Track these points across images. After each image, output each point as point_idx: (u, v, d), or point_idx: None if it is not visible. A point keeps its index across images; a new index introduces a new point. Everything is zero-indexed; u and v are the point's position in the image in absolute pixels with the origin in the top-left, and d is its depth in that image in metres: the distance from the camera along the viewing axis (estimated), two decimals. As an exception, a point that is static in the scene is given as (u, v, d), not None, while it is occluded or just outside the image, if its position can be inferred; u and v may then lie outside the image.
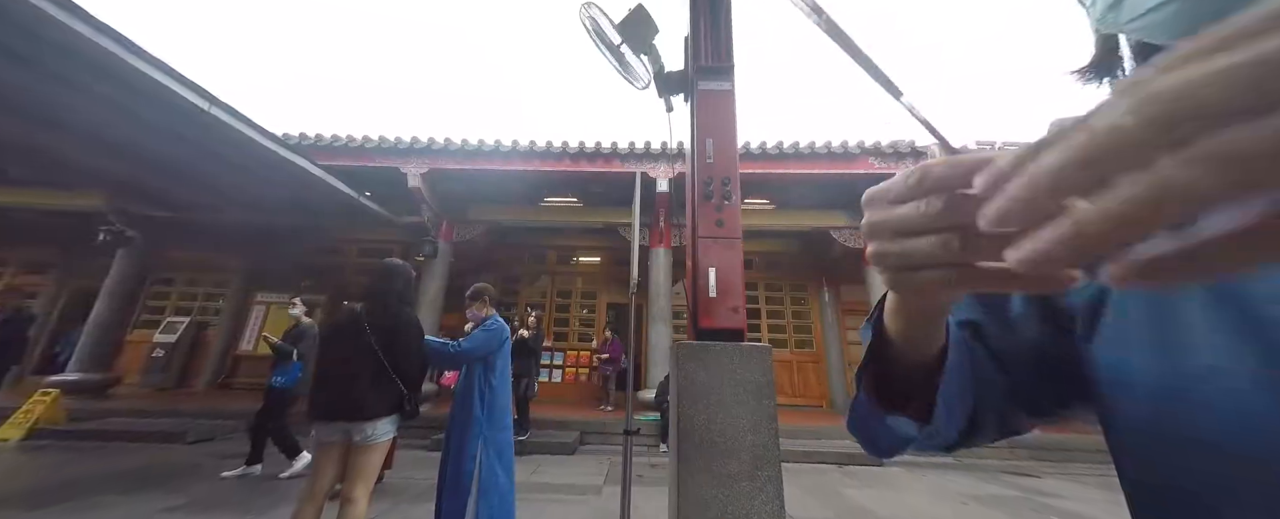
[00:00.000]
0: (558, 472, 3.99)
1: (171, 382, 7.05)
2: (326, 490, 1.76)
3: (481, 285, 2.30)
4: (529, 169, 6.15)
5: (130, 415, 5.25)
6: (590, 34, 2.24)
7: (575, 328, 7.95)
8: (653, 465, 4.32)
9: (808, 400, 7.38)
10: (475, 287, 2.28)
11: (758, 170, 5.93)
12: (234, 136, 4.10)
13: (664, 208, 6.40)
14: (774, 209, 6.96)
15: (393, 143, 6.15)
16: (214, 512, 2.70)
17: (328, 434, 1.75)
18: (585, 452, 4.87)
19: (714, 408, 1.45)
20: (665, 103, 2.30)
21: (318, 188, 5.31)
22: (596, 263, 8.37)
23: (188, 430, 4.61)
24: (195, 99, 3.59)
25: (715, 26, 2.10)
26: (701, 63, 2.04)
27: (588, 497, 3.30)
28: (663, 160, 6.13)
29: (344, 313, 1.89)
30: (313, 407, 1.76)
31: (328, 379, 1.78)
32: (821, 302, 7.81)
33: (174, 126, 3.90)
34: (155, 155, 4.48)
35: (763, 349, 1.55)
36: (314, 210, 6.13)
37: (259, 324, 7.73)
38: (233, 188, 5.36)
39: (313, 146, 6.02)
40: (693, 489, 1.38)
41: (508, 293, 8.25)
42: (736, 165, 1.88)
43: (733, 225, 1.80)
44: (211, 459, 3.96)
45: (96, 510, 2.63)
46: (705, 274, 1.73)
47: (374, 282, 1.92)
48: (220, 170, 4.84)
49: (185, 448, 4.35)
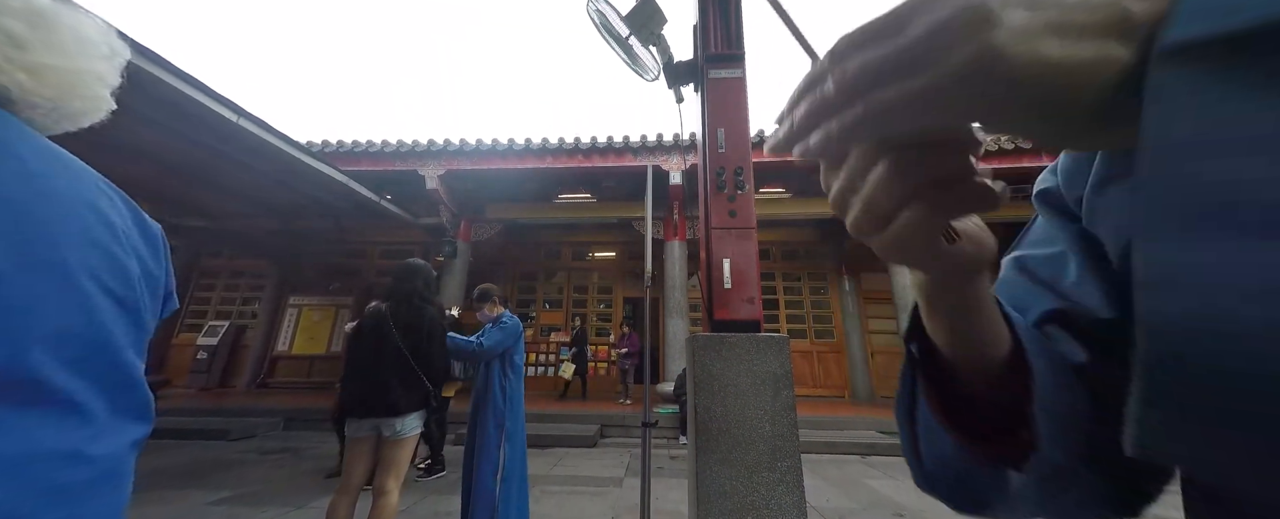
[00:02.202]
0: (579, 464, 4.06)
1: (214, 382, 7.44)
2: (359, 484, 1.83)
3: (487, 286, 2.37)
4: (543, 166, 6.19)
5: (177, 414, 5.57)
6: (598, 27, 2.23)
7: (593, 323, 8.02)
8: (672, 457, 4.35)
9: (829, 391, 7.28)
10: (481, 288, 2.35)
11: (772, 158, 5.83)
12: (261, 146, 4.26)
13: (678, 200, 6.37)
14: (790, 197, 6.84)
15: (411, 145, 6.28)
16: (258, 504, 2.85)
17: (359, 430, 1.82)
18: (606, 444, 4.93)
19: (731, 400, 1.44)
20: (676, 93, 2.27)
21: (340, 192, 5.48)
22: (612, 257, 8.41)
23: (231, 428, 4.87)
24: (224, 111, 3.74)
25: (724, 13, 2.05)
26: (711, 51, 2.00)
27: (608, 488, 3.34)
28: (675, 152, 6.08)
29: (370, 313, 1.95)
30: (343, 404, 1.83)
31: (357, 377, 1.84)
32: (841, 290, 7.66)
33: (206, 139, 4.08)
34: (190, 167, 4.70)
35: (780, 340, 1.53)
36: (338, 214, 6.34)
37: (294, 326, 8.08)
38: (262, 195, 5.58)
39: (334, 152, 6.20)
40: (712, 480, 1.38)
41: (525, 290, 8.37)
42: (749, 154, 1.85)
43: (746, 215, 1.78)
44: (253, 455, 4.17)
45: (151, 505, 2.81)
46: (719, 265, 1.72)
47: (396, 281, 1.98)
48: (251, 179, 5.04)
49: (228, 444, 4.60)
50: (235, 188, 5.32)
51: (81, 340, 0.30)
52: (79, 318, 0.30)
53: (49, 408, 0.28)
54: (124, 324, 0.33)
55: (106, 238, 0.33)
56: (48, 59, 0.34)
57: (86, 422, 0.29)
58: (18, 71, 0.32)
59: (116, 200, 0.37)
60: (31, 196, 0.29)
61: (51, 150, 0.34)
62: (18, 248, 0.28)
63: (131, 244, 0.36)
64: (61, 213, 0.31)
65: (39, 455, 0.27)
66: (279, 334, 8.00)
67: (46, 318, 0.28)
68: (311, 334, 8.00)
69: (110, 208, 0.35)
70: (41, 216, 0.30)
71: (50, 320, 0.28)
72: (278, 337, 7.99)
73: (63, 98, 0.36)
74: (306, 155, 4.72)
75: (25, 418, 0.27)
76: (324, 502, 1.79)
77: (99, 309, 0.32)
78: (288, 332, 8.02)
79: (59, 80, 0.35)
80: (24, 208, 0.29)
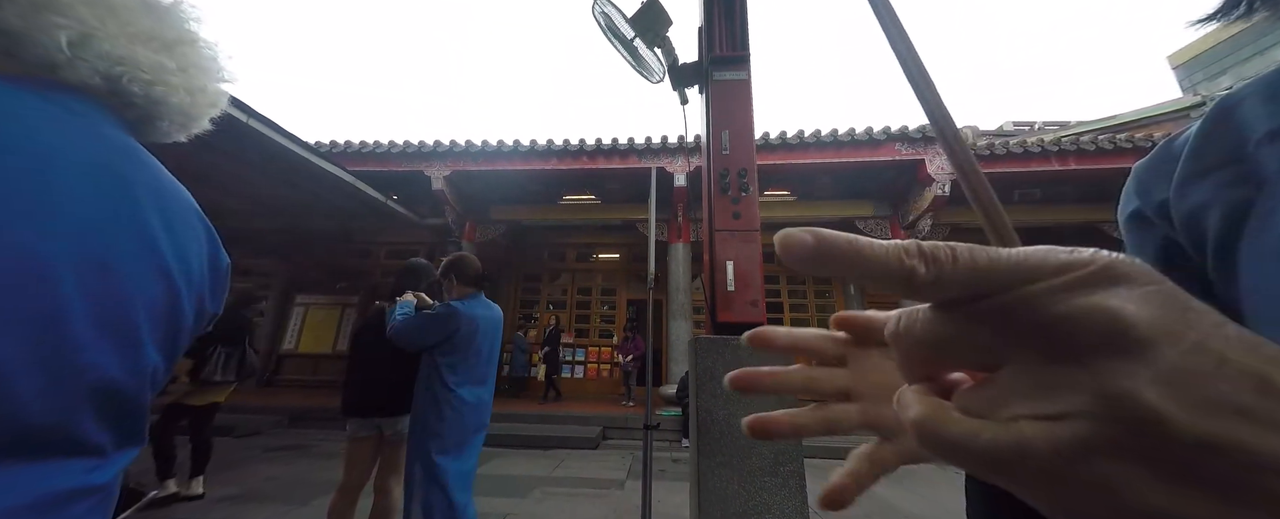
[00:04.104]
0: (581, 466, 4.05)
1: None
2: (361, 483, 1.84)
3: (414, 262, 1.96)
4: (547, 168, 6.21)
5: (186, 411, 5.62)
6: (604, 29, 2.24)
7: (596, 324, 8.02)
8: (675, 460, 4.33)
9: (834, 396, 7.22)
10: (408, 263, 1.97)
11: (777, 161, 5.81)
12: (270, 147, 4.31)
13: (682, 202, 6.36)
14: (795, 200, 6.81)
15: (417, 146, 6.32)
16: (262, 501, 2.86)
17: (361, 429, 1.83)
18: (608, 446, 4.91)
19: (734, 403, 1.43)
20: (680, 95, 2.27)
21: (348, 192, 5.52)
22: (616, 259, 8.41)
23: (237, 425, 4.91)
24: (235, 112, 3.79)
25: (729, 15, 2.05)
26: (716, 53, 2.00)
27: (610, 491, 3.33)
28: (680, 155, 6.08)
29: (373, 312, 1.96)
30: (346, 403, 1.84)
31: (360, 376, 1.85)
32: (846, 294, 7.61)
33: (216, 139, 4.12)
34: (200, 167, 4.75)
35: (783, 343, 1.52)
36: (345, 214, 6.38)
37: (300, 325, 8.15)
38: (270, 195, 5.64)
39: (342, 153, 6.26)
40: (714, 484, 1.37)
41: (529, 291, 8.39)
42: (753, 156, 1.85)
43: (750, 217, 1.77)
44: (259, 452, 4.20)
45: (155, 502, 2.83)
46: (723, 267, 1.71)
47: (398, 281, 1.99)
48: (259, 179, 5.09)
49: (235, 441, 4.63)
50: (244, 188, 5.38)
51: (124, 396, 0.29)
52: (129, 377, 0.29)
53: (73, 457, 0.27)
54: (163, 372, 0.33)
55: (180, 283, 0.33)
56: (206, 81, 0.35)
57: (99, 457, 0.29)
58: (181, 91, 0.33)
59: (202, 238, 0.36)
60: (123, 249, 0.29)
61: (169, 194, 0.33)
62: (99, 302, 0.27)
63: (197, 290, 0.35)
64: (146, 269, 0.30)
65: (58, 497, 0.26)
66: (285, 333, 8.07)
67: (97, 371, 0.27)
68: (317, 333, 8.06)
69: (196, 255, 0.35)
70: (124, 272, 0.29)
71: (101, 374, 0.28)
72: (284, 335, 8.06)
73: (195, 122, 0.37)
74: (314, 155, 4.77)
75: (47, 466, 0.26)
76: (326, 500, 1.80)
77: (147, 363, 0.31)
78: (294, 330, 8.09)
79: (206, 102, 0.36)
80: (115, 264, 0.28)
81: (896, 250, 0.12)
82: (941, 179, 5.57)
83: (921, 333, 0.13)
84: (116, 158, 0.30)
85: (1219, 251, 0.22)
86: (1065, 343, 0.10)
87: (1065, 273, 0.10)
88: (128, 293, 0.29)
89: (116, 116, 0.32)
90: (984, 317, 0.11)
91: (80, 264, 0.26)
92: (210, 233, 0.38)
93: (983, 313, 0.11)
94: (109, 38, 0.30)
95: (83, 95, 0.30)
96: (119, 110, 0.32)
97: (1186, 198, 0.24)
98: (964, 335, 0.12)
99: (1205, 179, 0.23)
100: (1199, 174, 0.23)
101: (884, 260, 0.12)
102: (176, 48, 0.33)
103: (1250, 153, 0.21)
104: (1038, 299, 0.10)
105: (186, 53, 0.34)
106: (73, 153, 0.27)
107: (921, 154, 5.65)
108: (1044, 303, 0.10)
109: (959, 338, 0.12)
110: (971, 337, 0.12)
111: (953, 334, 0.12)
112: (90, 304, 0.27)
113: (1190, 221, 0.24)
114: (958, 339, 0.12)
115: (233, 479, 3.30)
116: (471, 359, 1.65)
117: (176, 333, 0.33)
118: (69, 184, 0.26)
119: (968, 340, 0.12)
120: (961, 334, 0.12)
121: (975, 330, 0.11)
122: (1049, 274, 0.10)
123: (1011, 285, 0.11)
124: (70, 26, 0.28)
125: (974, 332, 0.11)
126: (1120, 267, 0.10)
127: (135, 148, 0.32)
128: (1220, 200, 0.22)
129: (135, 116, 0.33)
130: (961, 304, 0.12)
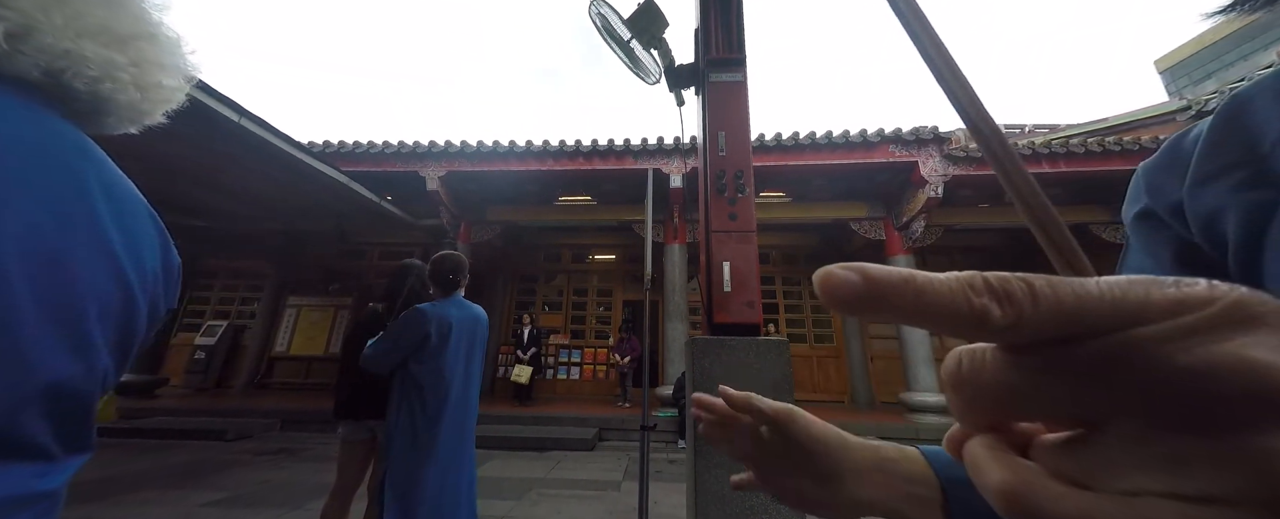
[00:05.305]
0: (577, 467, 4.03)
1: (211, 382, 7.41)
2: (354, 486, 1.82)
3: (409, 263, 1.91)
4: (543, 169, 6.20)
5: (174, 414, 5.55)
6: (600, 31, 2.24)
7: (592, 325, 8.01)
8: (671, 461, 4.32)
9: (828, 396, 7.25)
10: (404, 263, 1.91)
11: (773, 162, 5.84)
12: (263, 146, 4.26)
13: (678, 203, 6.37)
14: (790, 201, 6.84)
15: (412, 147, 6.29)
16: (253, 506, 2.83)
17: (354, 432, 1.81)
18: (604, 448, 4.90)
19: (731, 403, 1.43)
20: (677, 97, 2.28)
21: (341, 193, 5.48)
22: (612, 260, 8.40)
23: (227, 429, 4.84)
24: (227, 112, 3.75)
25: (726, 17, 2.06)
26: (712, 55, 2.01)
27: (607, 492, 3.32)
28: (676, 156, 6.09)
29: (366, 313, 1.94)
30: (339, 405, 1.82)
31: (353, 379, 1.83)
32: (842, 295, 7.65)
33: (207, 140, 4.09)
34: (192, 167, 4.70)
35: (779, 343, 1.53)
36: (339, 215, 6.33)
37: (292, 327, 8.07)
38: (263, 196, 5.58)
39: (336, 153, 6.21)
40: (710, 484, 1.37)
41: (525, 292, 8.36)
42: (749, 157, 1.85)
43: (746, 218, 1.78)
44: (249, 456, 4.15)
45: (143, 505, 2.79)
46: (719, 268, 1.72)
47: (390, 283, 1.97)
48: (252, 179, 5.04)
49: (225, 445, 4.57)
50: (236, 188, 5.32)
51: (73, 398, 0.28)
52: (80, 372, 0.28)
53: (18, 461, 0.26)
54: (114, 372, 0.31)
55: (134, 282, 0.31)
56: (162, 78, 0.33)
57: (46, 462, 0.27)
58: (131, 88, 0.31)
59: (154, 235, 0.34)
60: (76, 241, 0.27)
61: (120, 190, 0.32)
62: (49, 299, 0.25)
63: (151, 290, 0.33)
64: (97, 254, 0.28)
65: (4, 504, 0.24)
66: (277, 335, 7.98)
67: (47, 372, 0.26)
68: (310, 335, 7.98)
69: (150, 253, 0.33)
70: (77, 259, 0.27)
71: (50, 375, 0.26)
72: (276, 337, 7.97)
73: (146, 117, 0.34)
74: (308, 156, 4.72)
75: None
76: (319, 504, 1.78)
77: (99, 364, 0.29)
78: (286, 332, 8.00)
79: (160, 99, 0.34)
80: (66, 254, 0.26)
81: (961, 288, 0.10)
82: (934, 181, 5.62)
83: (992, 381, 0.10)
84: (66, 150, 0.28)
85: (1242, 256, 0.21)
86: (1199, 405, 0.08)
87: (1181, 313, 0.08)
88: (79, 291, 0.27)
89: (61, 108, 0.30)
90: (1077, 365, 0.09)
91: (30, 260, 0.25)
92: (161, 231, 0.36)
93: (1075, 360, 0.09)
94: (53, 30, 0.28)
95: (23, 86, 0.28)
96: (63, 102, 0.30)
97: (1202, 199, 0.23)
98: (1050, 386, 0.10)
99: (1220, 180, 0.22)
100: (1213, 175, 0.23)
101: (950, 302, 0.10)
102: (131, 43, 0.31)
103: (1267, 153, 0.21)
104: (1151, 347, 0.08)
105: (142, 48, 0.32)
106: (18, 144, 0.26)
107: (915, 156, 5.70)
108: (1161, 352, 0.08)
109: (1042, 390, 0.10)
110: (1060, 388, 0.09)
111: (1035, 385, 0.10)
112: (40, 301, 0.25)
113: (1208, 224, 0.23)
114: (1041, 391, 0.10)
115: (224, 483, 3.26)
116: (449, 359, 1.59)
117: (130, 335, 0.32)
118: (16, 175, 0.25)
119: (1055, 393, 0.10)
120: (1047, 385, 0.10)
121: (1065, 381, 0.09)
122: (1159, 314, 0.09)
123: (1112, 328, 0.09)
124: (9, 19, 0.26)
125: (1063, 383, 0.09)
126: (1251, 305, 0.08)
127: (83, 140, 0.30)
128: (1240, 203, 0.21)
129: (80, 109, 0.31)
130: (1043, 349, 0.09)
